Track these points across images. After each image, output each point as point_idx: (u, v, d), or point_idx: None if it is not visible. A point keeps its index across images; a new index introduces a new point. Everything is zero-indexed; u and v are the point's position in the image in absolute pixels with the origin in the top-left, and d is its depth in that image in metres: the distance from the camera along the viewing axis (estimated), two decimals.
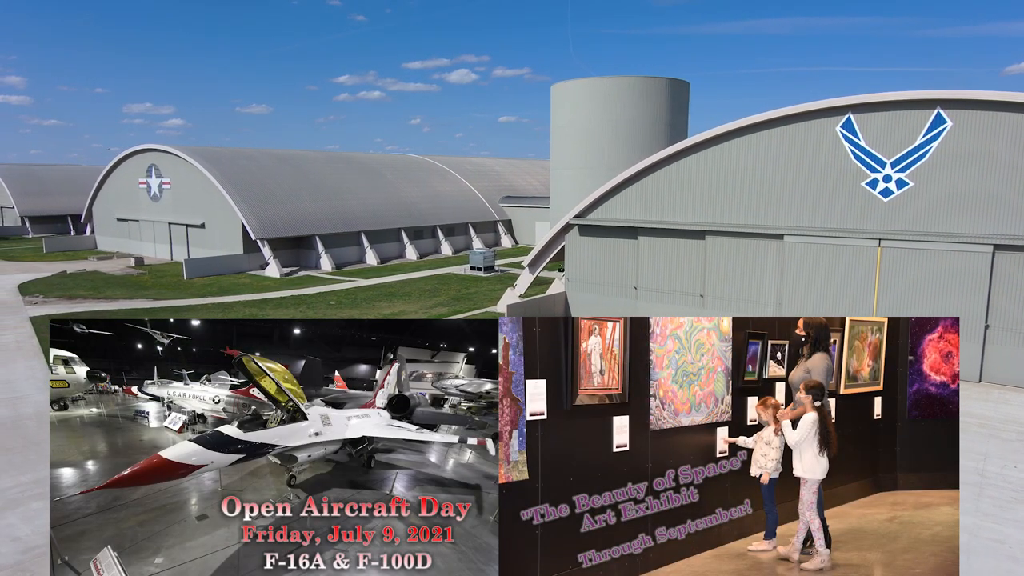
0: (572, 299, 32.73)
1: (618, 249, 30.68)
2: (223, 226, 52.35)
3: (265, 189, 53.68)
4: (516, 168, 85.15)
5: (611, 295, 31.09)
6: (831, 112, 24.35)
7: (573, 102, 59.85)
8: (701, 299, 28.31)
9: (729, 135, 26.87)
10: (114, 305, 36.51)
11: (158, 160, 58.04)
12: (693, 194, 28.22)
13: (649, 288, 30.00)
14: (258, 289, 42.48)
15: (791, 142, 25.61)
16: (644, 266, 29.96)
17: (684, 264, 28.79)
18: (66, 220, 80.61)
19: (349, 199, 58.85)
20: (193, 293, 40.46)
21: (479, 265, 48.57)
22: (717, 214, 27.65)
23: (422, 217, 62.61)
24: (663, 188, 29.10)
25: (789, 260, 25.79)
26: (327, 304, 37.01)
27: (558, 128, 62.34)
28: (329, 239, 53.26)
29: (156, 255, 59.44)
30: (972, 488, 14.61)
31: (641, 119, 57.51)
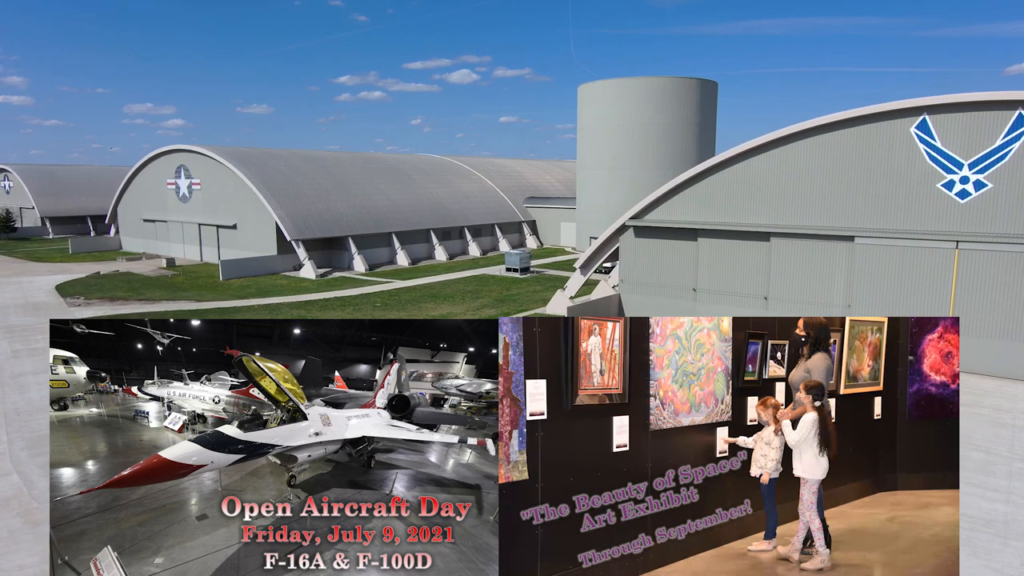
0: (626, 301, 32.25)
1: (676, 251, 30.28)
2: (256, 227, 51.76)
3: (297, 190, 53.13)
4: (536, 168, 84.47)
5: (668, 297, 30.68)
6: (905, 113, 24.13)
7: (601, 102, 60.24)
8: (765, 301, 27.95)
9: (797, 136, 26.60)
10: (157, 307, 36.09)
11: (187, 161, 57.40)
12: (758, 195, 27.85)
13: (709, 290, 29.56)
14: (297, 290, 41.89)
15: (862, 143, 25.30)
16: (704, 268, 29.53)
17: (747, 266, 28.41)
18: (86, 221, 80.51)
19: (379, 200, 58.37)
20: (233, 295, 39.88)
21: (515, 266, 48.10)
22: (783, 215, 27.32)
23: (450, 218, 62.00)
24: (725, 189, 28.70)
25: (860, 262, 25.48)
26: (373, 306, 36.59)
27: (585, 129, 62.46)
28: (361, 240, 52.76)
29: (185, 256, 58.81)
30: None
31: (671, 119, 58.03)
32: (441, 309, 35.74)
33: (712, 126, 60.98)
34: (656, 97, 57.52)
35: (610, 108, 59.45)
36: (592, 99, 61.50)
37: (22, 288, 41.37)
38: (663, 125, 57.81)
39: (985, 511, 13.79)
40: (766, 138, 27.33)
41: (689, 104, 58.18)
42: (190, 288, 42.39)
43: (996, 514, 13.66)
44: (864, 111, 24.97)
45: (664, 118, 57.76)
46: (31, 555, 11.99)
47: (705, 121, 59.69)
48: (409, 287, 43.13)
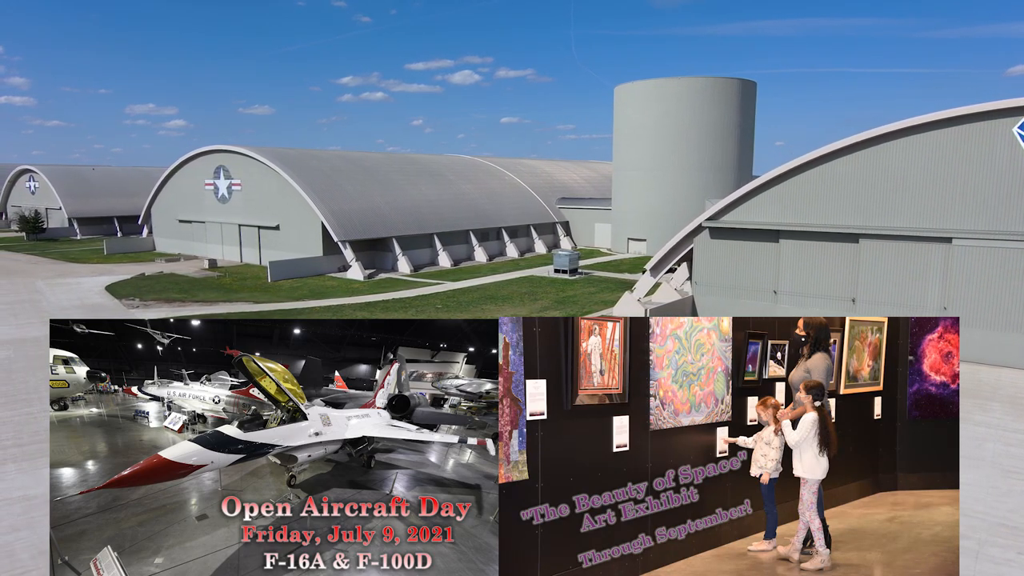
0: (700, 303, 31.76)
1: (755, 252, 29.87)
2: (300, 228, 50.98)
3: (340, 190, 52.39)
4: (563, 168, 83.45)
5: (745, 299, 30.24)
6: (1007, 113, 23.88)
7: (639, 103, 59.82)
8: (852, 303, 27.50)
9: (890, 136, 26.16)
10: (214, 308, 35.34)
11: (227, 161, 56.56)
12: (845, 196, 27.37)
13: (791, 292, 29.14)
14: (348, 292, 41.12)
15: (960, 143, 24.92)
16: (786, 269, 29.09)
17: (833, 267, 27.94)
18: (112, 221, 79.96)
19: (419, 200, 57.61)
20: (286, 296, 39.23)
21: (564, 267, 47.13)
22: (873, 216, 26.81)
23: (487, 218, 61.13)
24: (810, 190, 28.26)
25: (958, 264, 25.05)
26: (434, 308, 35.96)
27: (622, 129, 62.05)
28: (404, 241, 51.97)
29: (224, 257, 57.82)
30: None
31: (712, 120, 57.70)
32: (504, 311, 35.21)
33: (751, 126, 60.40)
34: (697, 98, 57.04)
35: (649, 109, 58.87)
36: (629, 100, 60.75)
37: (72, 290, 40.87)
38: (705, 126, 57.34)
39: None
40: (853, 139, 26.89)
41: (731, 105, 57.87)
42: (240, 289, 41.76)
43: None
44: (962, 111, 24.62)
45: (705, 119, 57.30)
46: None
47: (745, 122, 59.27)
48: (464, 289, 42.33)
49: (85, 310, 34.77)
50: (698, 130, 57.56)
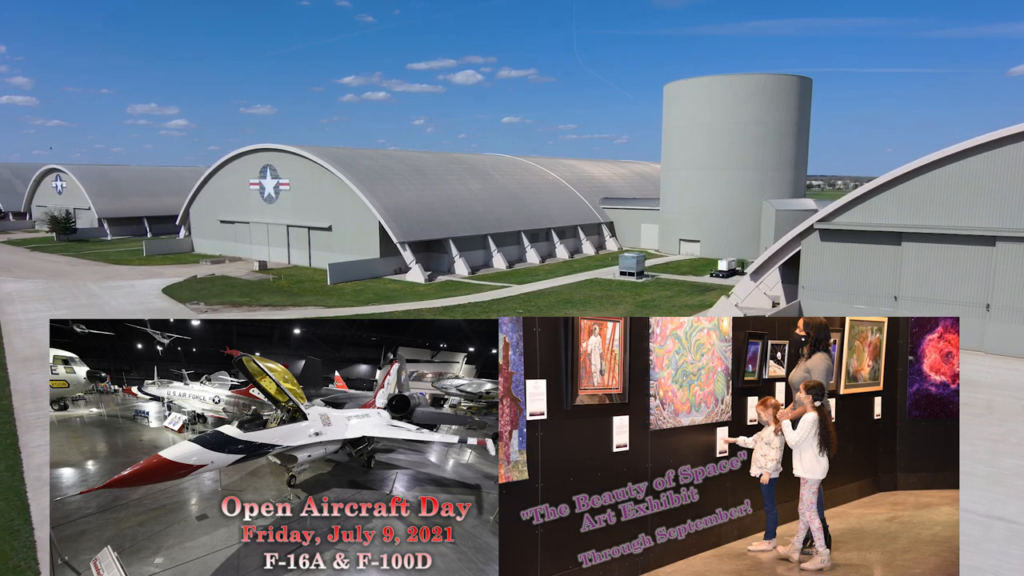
0: (808, 308, 30.57)
1: (872, 255, 28.75)
2: (356, 229, 49.90)
3: (395, 191, 51.44)
4: (602, 168, 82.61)
5: (860, 303, 29.10)
6: None
7: (691, 102, 58.76)
8: (986, 309, 26.27)
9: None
10: (285, 313, 34.04)
11: (274, 160, 55.51)
12: (979, 197, 26.09)
13: (914, 297, 27.91)
14: (415, 296, 39.89)
15: None
16: (908, 274, 27.94)
17: (963, 272, 26.70)
18: (142, 222, 79.97)
19: (471, 201, 56.87)
20: (352, 300, 38.28)
21: (631, 269, 46.38)
22: (1012, 218, 25.51)
23: (536, 219, 60.40)
24: (937, 190, 26.98)
25: None
26: (515, 312, 34.81)
27: (672, 129, 60.86)
28: (460, 242, 51.25)
29: (271, 258, 56.62)
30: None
31: (769, 118, 56.44)
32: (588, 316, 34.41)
33: (807, 124, 59.27)
34: (753, 95, 56.15)
35: (701, 107, 57.87)
36: (680, 98, 59.76)
37: (128, 293, 40.20)
38: (762, 123, 56.31)
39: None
40: (988, 137, 25.73)
41: (788, 102, 56.79)
42: (299, 292, 40.87)
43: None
44: None
45: (763, 116, 56.26)
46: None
47: (802, 120, 58.19)
48: (535, 292, 41.01)
49: (151, 314, 33.76)
50: (755, 128, 56.37)
